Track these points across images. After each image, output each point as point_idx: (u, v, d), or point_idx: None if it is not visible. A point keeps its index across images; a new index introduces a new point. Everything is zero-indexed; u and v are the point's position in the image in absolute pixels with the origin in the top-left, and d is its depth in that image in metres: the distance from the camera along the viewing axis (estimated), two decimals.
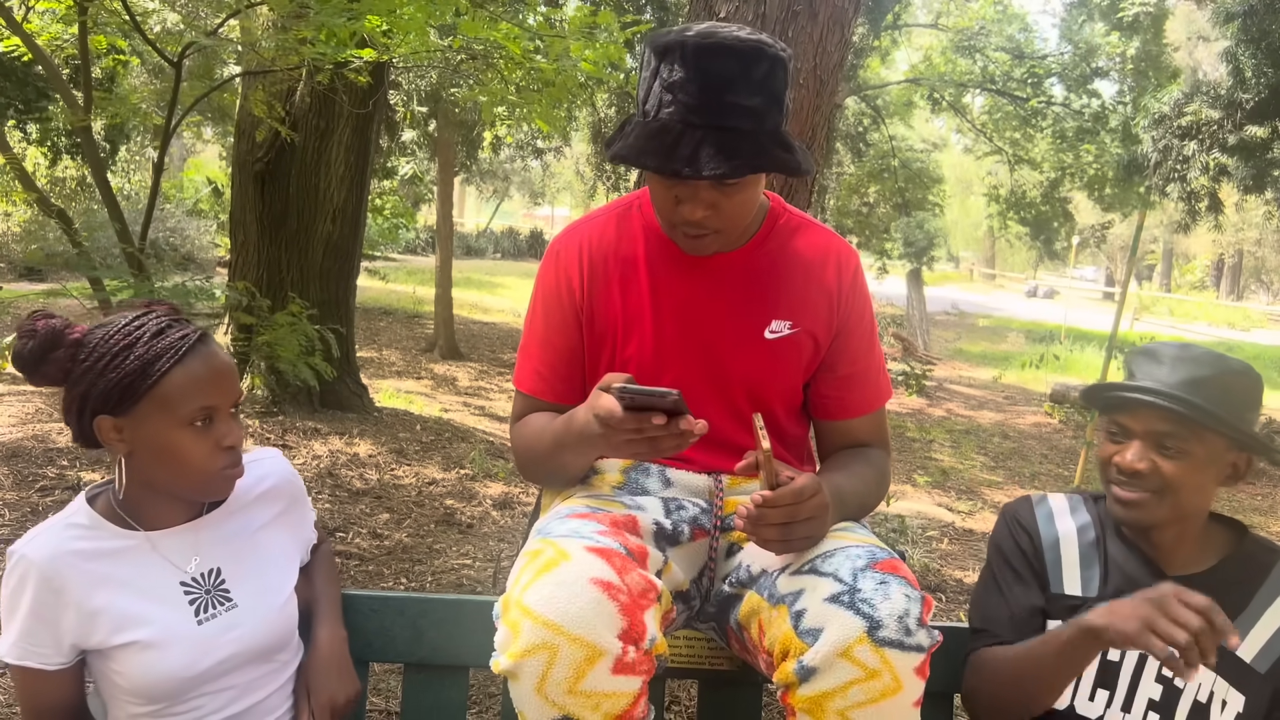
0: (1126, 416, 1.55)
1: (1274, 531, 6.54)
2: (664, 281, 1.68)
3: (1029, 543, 1.68)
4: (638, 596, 1.36)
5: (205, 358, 1.39)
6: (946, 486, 7.16)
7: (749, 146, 1.45)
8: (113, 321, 1.39)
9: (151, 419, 1.36)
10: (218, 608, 1.45)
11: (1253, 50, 8.20)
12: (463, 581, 4.07)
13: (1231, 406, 1.50)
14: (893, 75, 16.70)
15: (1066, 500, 1.73)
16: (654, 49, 1.49)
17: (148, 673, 1.37)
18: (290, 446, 5.60)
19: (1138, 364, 1.60)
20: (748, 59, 1.44)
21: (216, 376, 1.39)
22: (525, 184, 34.36)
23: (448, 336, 10.95)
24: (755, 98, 1.45)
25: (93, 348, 1.36)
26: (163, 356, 1.35)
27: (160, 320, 1.39)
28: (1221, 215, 10.15)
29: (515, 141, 13.90)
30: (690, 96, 1.44)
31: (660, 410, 1.36)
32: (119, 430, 1.37)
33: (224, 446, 1.40)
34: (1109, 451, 1.58)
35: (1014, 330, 21.63)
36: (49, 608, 1.34)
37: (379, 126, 7.19)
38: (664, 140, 1.45)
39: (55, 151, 12.64)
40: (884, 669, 1.32)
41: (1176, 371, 1.52)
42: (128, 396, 1.34)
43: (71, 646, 1.37)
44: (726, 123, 1.44)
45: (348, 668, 1.60)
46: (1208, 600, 1.31)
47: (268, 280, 6.26)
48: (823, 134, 2.95)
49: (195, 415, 1.37)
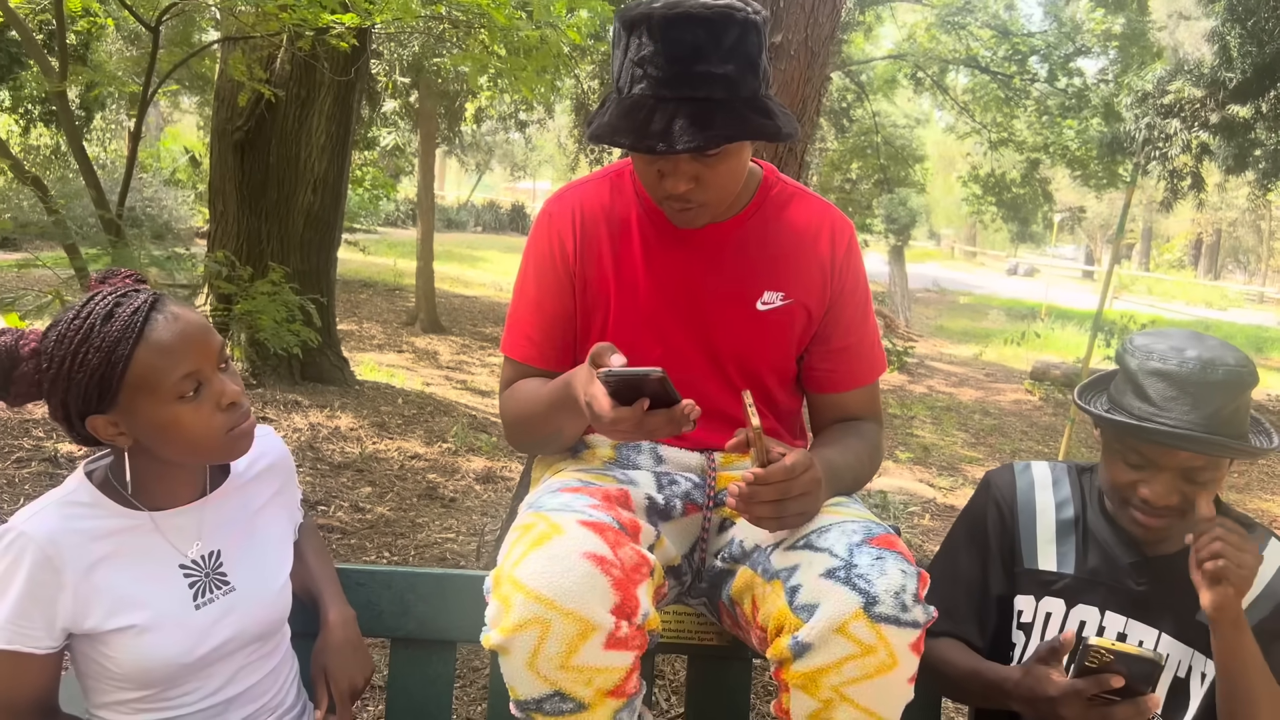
0: (1153, 450, 1.49)
1: (1251, 508, 6.61)
2: (656, 251, 1.66)
3: (1003, 516, 1.68)
4: (630, 571, 1.34)
5: (167, 324, 1.29)
6: (928, 463, 7.19)
7: (724, 116, 1.42)
8: (61, 319, 1.30)
9: (139, 404, 1.29)
10: (215, 591, 1.41)
11: (1239, 30, 8.20)
12: (445, 555, 4.06)
13: (1249, 425, 1.52)
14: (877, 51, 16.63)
15: (1050, 471, 1.72)
16: (622, 24, 1.46)
17: (142, 658, 1.33)
18: (271, 419, 5.55)
19: (1154, 387, 1.50)
20: (716, 26, 1.40)
21: (186, 339, 1.30)
22: (507, 156, 34.17)
23: (429, 310, 10.90)
24: (727, 65, 1.42)
25: (51, 353, 1.28)
26: (120, 340, 1.26)
27: (107, 301, 1.30)
28: (1203, 194, 10.19)
29: (498, 113, 13.78)
30: (659, 70, 1.42)
31: (646, 394, 1.33)
32: (115, 425, 1.30)
33: (224, 406, 1.33)
34: (1129, 478, 1.53)
35: (995, 308, 21.74)
36: (46, 588, 1.28)
37: (361, 96, 7.10)
38: (637, 116, 1.43)
39: (29, 119, 12.45)
40: (880, 645, 1.31)
41: (1201, 406, 1.46)
42: (105, 391, 1.27)
43: (63, 630, 1.31)
44: (698, 93, 1.41)
45: (362, 648, 1.58)
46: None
47: (247, 251, 6.18)
48: (813, 106, 2.92)
49: (179, 387, 1.29)
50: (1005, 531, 1.68)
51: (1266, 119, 8.68)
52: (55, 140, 13.73)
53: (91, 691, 1.39)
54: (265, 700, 1.49)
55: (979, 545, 1.70)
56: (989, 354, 14.21)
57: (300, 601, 1.59)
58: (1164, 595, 1.57)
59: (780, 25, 2.78)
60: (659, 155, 1.46)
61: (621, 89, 1.47)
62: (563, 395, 1.51)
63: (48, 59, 4.64)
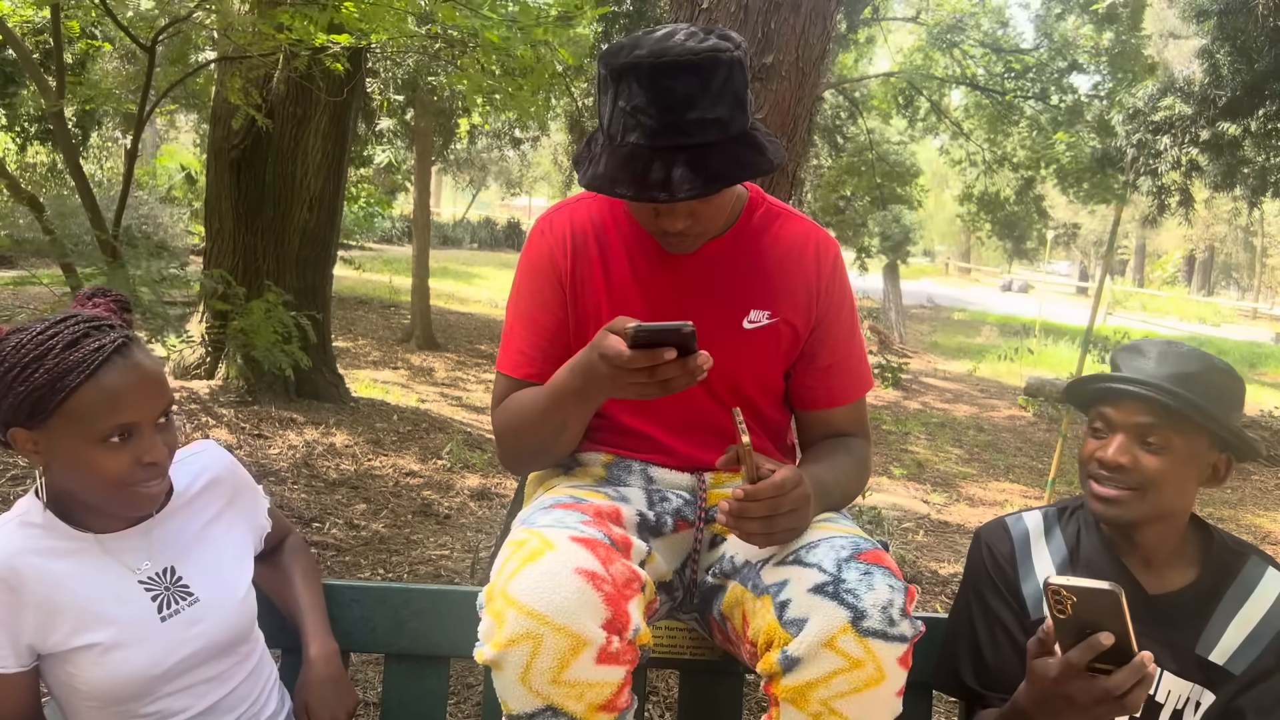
0: (1110, 408, 1.53)
1: (1244, 524, 6.63)
2: (644, 269, 1.68)
3: (1004, 572, 1.65)
4: (622, 586, 1.36)
5: (123, 370, 1.29)
6: (922, 479, 7.21)
7: (719, 159, 1.43)
8: (29, 329, 1.30)
9: (64, 434, 1.28)
10: (180, 603, 1.41)
11: (1228, 48, 8.27)
12: (440, 572, 4.06)
13: (1216, 403, 1.49)
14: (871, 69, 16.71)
15: (1042, 519, 1.69)
16: (610, 72, 1.46)
17: (113, 674, 1.33)
18: (266, 436, 5.55)
19: (1123, 359, 1.58)
20: (705, 70, 1.41)
21: (135, 390, 1.30)
22: (502, 173, 34.24)
23: (424, 326, 10.91)
24: (718, 108, 1.43)
25: (4, 356, 1.28)
26: (72, 371, 1.25)
27: (77, 328, 1.29)
28: (1192, 210, 10.25)
29: (492, 130, 13.82)
30: (653, 120, 1.42)
31: (673, 344, 1.32)
32: (34, 443, 1.30)
33: (144, 463, 1.32)
34: (1091, 448, 1.56)
35: (989, 324, 21.79)
36: (6, 608, 1.29)
37: (356, 114, 7.13)
38: (635, 167, 1.44)
39: (25, 137, 12.47)
40: (868, 659, 1.32)
41: (1162, 366, 1.52)
42: (38, 411, 1.27)
43: (29, 648, 1.32)
44: (693, 140, 1.43)
45: (345, 682, 1.58)
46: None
47: (243, 268, 6.20)
48: (804, 126, 2.94)
49: (110, 431, 1.28)
50: (1014, 588, 1.64)
51: (1255, 136, 8.75)
52: (52, 158, 13.76)
53: (70, 715, 1.39)
54: (244, 707, 1.49)
55: (998, 616, 1.65)
56: (983, 370, 14.25)
57: (281, 616, 1.60)
58: (1164, 633, 1.54)
59: (771, 46, 2.81)
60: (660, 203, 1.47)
61: (613, 136, 1.48)
62: (568, 377, 1.49)
63: (45, 78, 4.67)
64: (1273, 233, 37.24)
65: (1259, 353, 20.21)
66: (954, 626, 1.70)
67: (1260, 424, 10.95)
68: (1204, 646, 1.52)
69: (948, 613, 1.76)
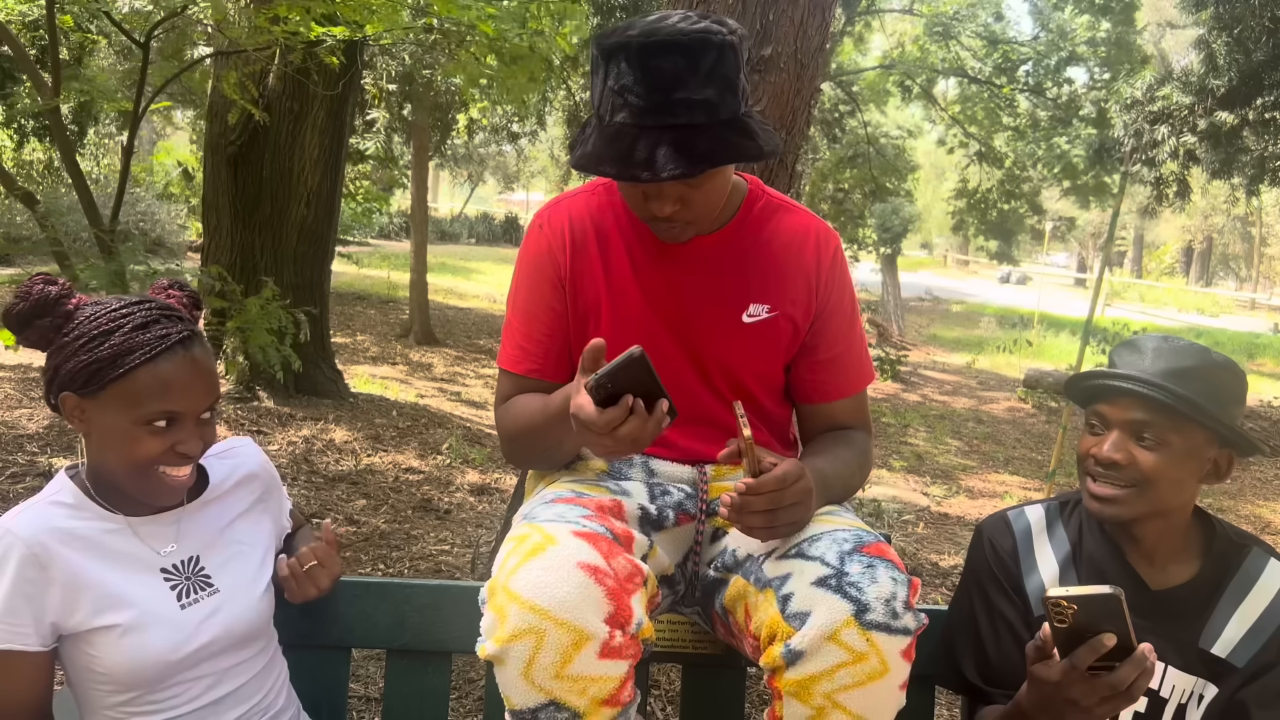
0: (1105, 405, 1.53)
1: (1244, 513, 6.63)
2: (644, 263, 1.67)
3: (1007, 567, 1.64)
4: (624, 581, 1.35)
5: (181, 362, 1.35)
6: (922, 471, 7.21)
7: (706, 141, 1.43)
8: (105, 303, 1.37)
9: (111, 408, 1.34)
10: (199, 593, 1.44)
11: (1225, 37, 8.26)
12: (440, 568, 4.06)
13: (1212, 399, 1.48)
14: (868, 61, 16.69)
15: (1044, 514, 1.68)
16: (600, 51, 1.47)
17: (130, 657, 1.35)
18: (265, 432, 5.55)
19: (1120, 355, 1.58)
20: (694, 51, 1.41)
21: (187, 383, 1.36)
22: (499, 168, 34.23)
23: (423, 322, 10.89)
24: (707, 89, 1.43)
25: (78, 324, 1.35)
26: (135, 351, 1.32)
27: (150, 313, 1.36)
28: (1189, 200, 10.25)
29: (490, 125, 13.77)
30: (640, 98, 1.42)
31: (631, 390, 1.34)
32: (81, 410, 1.36)
33: (178, 452, 1.37)
34: (1087, 444, 1.55)
35: (987, 316, 21.79)
36: (34, 584, 1.32)
37: (353, 109, 7.12)
38: (620, 145, 1.44)
39: (22, 134, 12.44)
40: (871, 652, 1.32)
41: (1158, 361, 1.51)
42: (94, 381, 1.33)
43: (52, 626, 1.34)
44: (679, 120, 1.42)
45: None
46: None
47: (241, 265, 6.19)
48: (803, 118, 2.93)
49: (154, 415, 1.34)
50: (1011, 580, 1.63)
51: (1253, 126, 8.74)
52: (49, 155, 13.73)
53: (85, 699, 1.41)
54: (255, 701, 1.50)
55: (1001, 612, 1.63)
56: (982, 362, 14.25)
57: (293, 610, 1.60)
58: (1167, 627, 1.54)
59: (769, 38, 2.80)
60: (643, 183, 1.47)
61: (603, 116, 1.48)
62: (561, 408, 1.52)
63: (41, 75, 4.65)
64: (1270, 223, 37.24)
65: (1257, 343, 20.22)
66: (955, 622, 1.69)
67: (1259, 414, 10.97)
68: (1207, 640, 1.52)
69: (948, 606, 1.75)
